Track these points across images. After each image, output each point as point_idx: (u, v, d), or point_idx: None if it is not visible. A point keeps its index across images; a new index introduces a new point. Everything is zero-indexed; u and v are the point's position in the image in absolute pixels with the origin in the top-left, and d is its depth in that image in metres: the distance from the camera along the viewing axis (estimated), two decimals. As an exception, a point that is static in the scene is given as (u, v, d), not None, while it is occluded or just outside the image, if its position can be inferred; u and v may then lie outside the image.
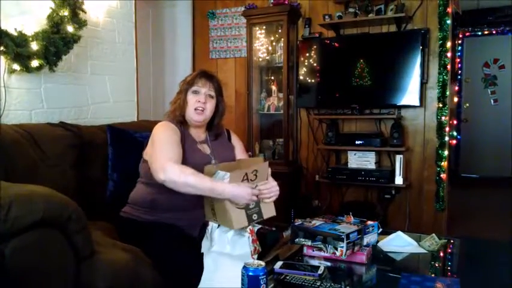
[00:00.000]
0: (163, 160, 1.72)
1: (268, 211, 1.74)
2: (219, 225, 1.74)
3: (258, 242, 1.68)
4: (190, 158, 1.88)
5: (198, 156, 1.93)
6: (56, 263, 1.40)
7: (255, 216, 1.68)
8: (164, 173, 1.68)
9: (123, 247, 1.73)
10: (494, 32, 6.31)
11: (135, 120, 3.07)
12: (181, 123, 1.96)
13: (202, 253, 1.68)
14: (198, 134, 2.02)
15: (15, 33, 2.12)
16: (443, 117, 3.41)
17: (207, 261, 1.64)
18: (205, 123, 2.02)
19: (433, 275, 1.64)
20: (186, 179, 1.66)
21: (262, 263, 1.28)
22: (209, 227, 1.75)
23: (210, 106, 1.97)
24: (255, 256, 1.65)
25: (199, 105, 1.93)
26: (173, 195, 1.75)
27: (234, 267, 1.43)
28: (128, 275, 1.59)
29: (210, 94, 1.96)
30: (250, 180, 1.67)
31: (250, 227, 1.67)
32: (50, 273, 1.37)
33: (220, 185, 1.65)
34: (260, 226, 1.81)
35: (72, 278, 1.45)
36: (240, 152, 2.15)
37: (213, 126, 2.06)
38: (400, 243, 1.85)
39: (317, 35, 3.85)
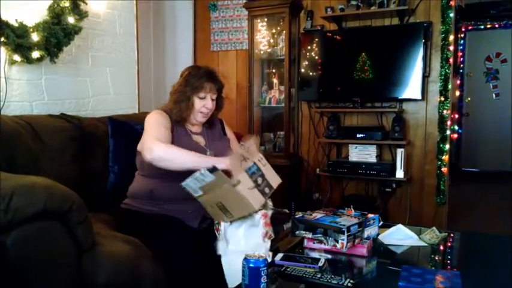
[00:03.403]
0: (150, 140, 1.80)
1: (275, 180, 1.72)
2: (231, 223, 1.69)
3: (271, 227, 1.66)
4: (185, 147, 1.90)
5: (193, 146, 1.95)
6: (57, 254, 1.40)
7: (266, 190, 1.66)
8: (151, 152, 1.74)
9: (124, 239, 1.73)
10: (496, 25, 6.28)
11: (136, 112, 3.07)
12: (179, 121, 1.98)
13: (219, 255, 1.65)
14: (193, 127, 2.04)
15: (16, 24, 2.11)
16: (444, 111, 3.40)
17: (225, 263, 1.62)
18: None
19: (433, 268, 1.65)
20: (172, 153, 1.73)
21: (263, 255, 1.29)
22: (221, 228, 1.72)
23: (213, 107, 2.02)
24: (268, 241, 1.63)
25: (206, 111, 1.98)
26: (172, 186, 1.76)
27: None
28: (129, 267, 1.60)
29: (213, 97, 2.00)
30: (247, 159, 1.69)
31: (263, 211, 1.64)
32: (51, 264, 1.38)
33: (206, 157, 1.78)
34: (274, 211, 1.77)
35: (74, 270, 1.45)
36: (234, 145, 2.19)
37: (210, 118, 2.08)
38: (400, 236, 1.86)
39: (319, 28, 3.83)
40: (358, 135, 3.56)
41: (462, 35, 6.44)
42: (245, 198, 1.58)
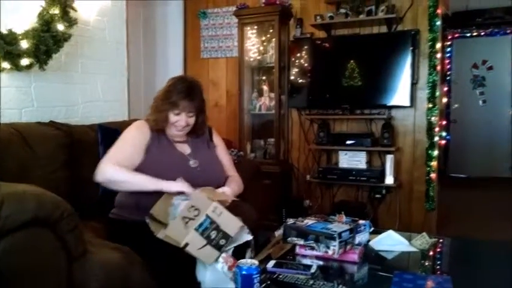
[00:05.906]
0: (103, 162, 1.84)
1: (233, 226, 1.56)
2: None
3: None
4: (165, 158, 1.93)
5: (175, 156, 1.97)
6: (47, 262, 1.38)
7: (222, 242, 1.53)
8: (98, 174, 1.81)
9: (115, 247, 1.72)
10: (482, 33, 6.38)
11: (126, 119, 3.05)
12: (159, 130, 1.99)
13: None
14: (177, 136, 2.03)
15: (5, 32, 2.10)
16: (432, 118, 3.44)
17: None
18: None
19: (424, 273, 1.66)
20: (119, 176, 1.80)
21: (256, 262, 1.29)
22: None
23: (190, 121, 1.99)
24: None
25: (180, 127, 1.97)
26: (155, 196, 1.75)
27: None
28: (120, 275, 1.58)
29: (189, 114, 1.97)
30: (195, 217, 1.54)
31: (223, 255, 1.53)
32: (42, 272, 1.36)
33: (156, 180, 1.77)
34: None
35: (65, 278, 1.43)
36: (221, 151, 2.19)
37: (194, 130, 2.06)
38: (391, 242, 1.87)
39: (308, 36, 3.86)
40: (347, 142, 3.59)
41: (449, 43, 6.53)
42: (197, 257, 1.53)
